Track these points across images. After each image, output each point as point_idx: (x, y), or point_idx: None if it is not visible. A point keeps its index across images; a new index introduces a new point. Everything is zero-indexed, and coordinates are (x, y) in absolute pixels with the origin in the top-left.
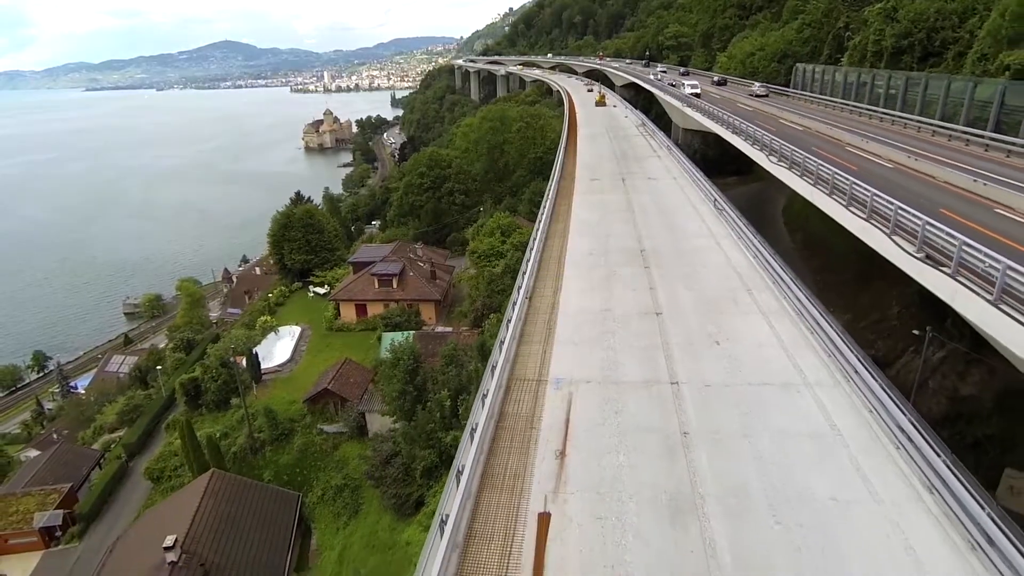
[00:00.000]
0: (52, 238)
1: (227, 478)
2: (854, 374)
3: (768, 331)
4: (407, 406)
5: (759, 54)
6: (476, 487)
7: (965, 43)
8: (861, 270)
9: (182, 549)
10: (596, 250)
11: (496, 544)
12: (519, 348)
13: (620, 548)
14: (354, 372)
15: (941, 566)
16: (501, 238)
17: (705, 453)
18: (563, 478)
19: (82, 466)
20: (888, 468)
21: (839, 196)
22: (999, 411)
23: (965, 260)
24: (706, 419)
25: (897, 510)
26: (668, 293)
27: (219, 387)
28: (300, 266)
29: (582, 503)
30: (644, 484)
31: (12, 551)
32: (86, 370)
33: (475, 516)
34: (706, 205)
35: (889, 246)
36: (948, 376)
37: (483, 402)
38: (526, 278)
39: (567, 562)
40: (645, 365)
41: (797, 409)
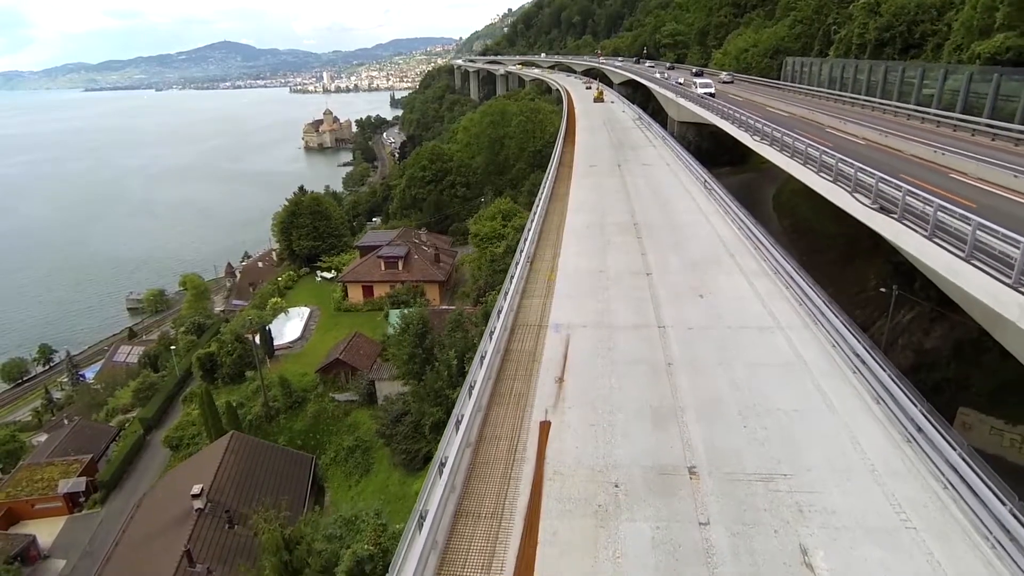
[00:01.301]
0: (54, 236)
1: (245, 439)
2: (820, 316)
3: (747, 286)
4: (416, 368)
5: (752, 50)
6: (486, 402)
7: (943, 35)
8: (843, 251)
9: (207, 498)
10: (592, 224)
11: (503, 444)
12: (521, 301)
13: (609, 445)
14: (364, 344)
15: (880, 453)
16: (502, 222)
17: (686, 377)
18: (561, 396)
19: (100, 441)
20: (844, 387)
21: (812, 165)
22: (956, 359)
23: (909, 206)
24: (688, 353)
25: (848, 416)
26: (658, 257)
27: (234, 361)
28: (308, 252)
29: (578, 414)
30: (632, 400)
31: (39, 515)
32: (92, 362)
33: (485, 423)
34: (697, 187)
35: (850, 201)
36: (915, 333)
37: (491, 336)
38: (527, 244)
39: (564, 455)
40: (635, 313)
41: (769, 346)
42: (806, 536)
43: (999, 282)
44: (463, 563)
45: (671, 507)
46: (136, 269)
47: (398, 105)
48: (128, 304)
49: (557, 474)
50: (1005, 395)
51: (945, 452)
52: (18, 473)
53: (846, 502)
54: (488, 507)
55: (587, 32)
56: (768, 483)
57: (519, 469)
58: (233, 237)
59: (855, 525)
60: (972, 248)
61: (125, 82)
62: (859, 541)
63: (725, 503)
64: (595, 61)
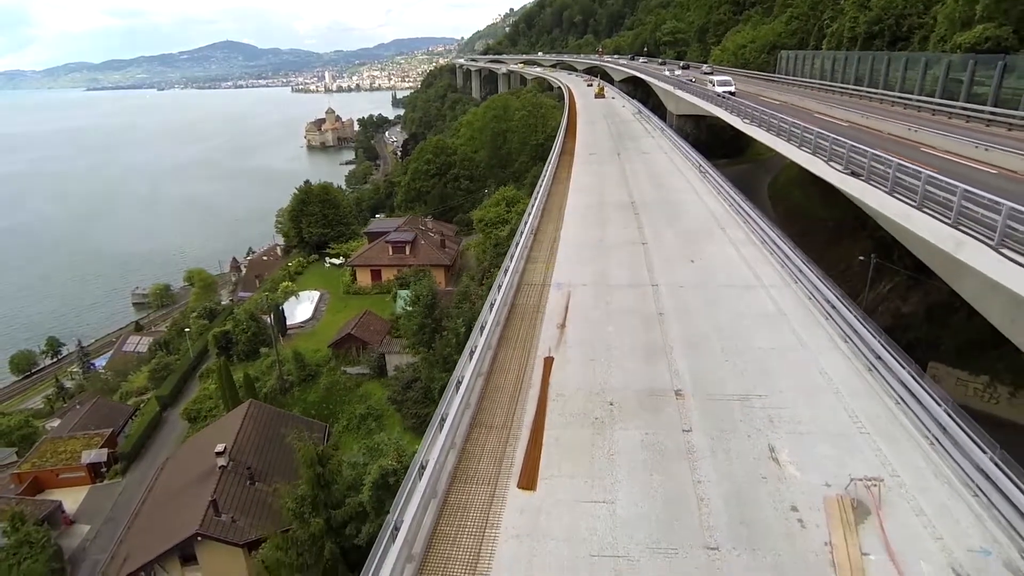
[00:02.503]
0: (59, 233)
1: (263, 407)
2: (800, 275)
3: (735, 253)
4: (426, 338)
5: (750, 46)
6: (495, 342)
7: (929, 28)
8: (832, 234)
9: (229, 457)
10: (592, 203)
11: (511, 374)
12: (526, 265)
13: (606, 375)
14: (374, 321)
15: (844, 379)
16: (506, 207)
17: (676, 324)
18: (563, 339)
19: (118, 418)
20: (817, 330)
21: (794, 141)
22: (927, 321)
23: (873, 168)
24: (679, 305)
25: (818, 352)
26: (653, 230)
27: (249, 338)
28: (317, 239)
29: (578, 352)
30: (626, 341)
31: (63, 485)
32: (100, 353)
33: (495, 360)
34: (693, 171)
35: (826, 169)
36: (893, 300)
37: (498, 289)
38: (531, 218)
39: (566, 382)
40: (631, 274)
41: (752, 299)
42: (774, 439)
43: (939, 221)
44: (478, 459)
45: (659, 419)
46: (140, 266)
47: (400, 104)
48: (134, 299)
49: (559, 396)
50: (969, 350)
51: (899, 374)
52: (42, 446)
53: (811, 414)
54: (499, 420)
55: (588, 31)
56: (744, 401)
57: (526, 393)
58: (236, 234)
59: (817, 431)
60: (922, 198)
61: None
62: (819, 442)
63: (706, 416)
64: (596, 60)
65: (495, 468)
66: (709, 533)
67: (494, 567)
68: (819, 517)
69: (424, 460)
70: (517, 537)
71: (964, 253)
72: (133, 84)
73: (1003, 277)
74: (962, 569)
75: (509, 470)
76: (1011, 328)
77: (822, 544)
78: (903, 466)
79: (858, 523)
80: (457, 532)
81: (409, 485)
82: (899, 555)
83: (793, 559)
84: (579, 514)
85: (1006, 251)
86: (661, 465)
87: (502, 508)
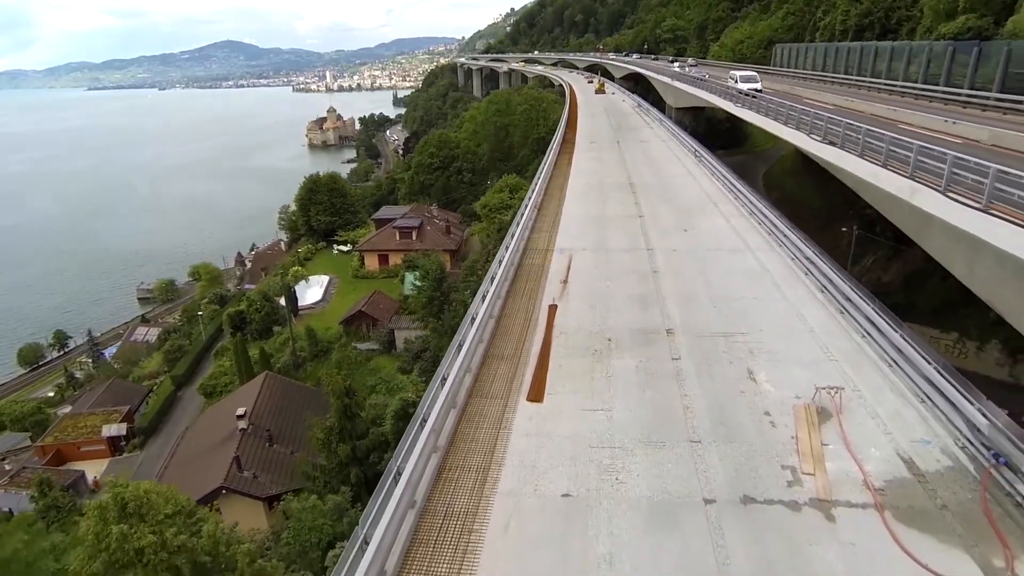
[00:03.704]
0: (63, 231)
1: (278, 378)
2: (784, 239)
3: (725, 224)
4: (435, 309)
5: (747, 41)
6: (504, 292)
7: (917, 20)
8: (823, 219)
9: (249, 420)
10: (593, 185)
11: (519, 317)
12: (531, 235)
13: (605, 318)
14: (383, 300)
15: (819, 321)
16: (509, 194)
17: (668, 279)
18: (566, 292)
19: (134, 397)
20: (797, 284)
21: (780, 119)
22: (905, 287)
23: (847, 136)
24: (672, 265)
25: (797, 302)
26: (650, 206)
27: (262, 317)
28: (325, 227)
29: (579, 301)
30: (623, 293)
31: (84, 457)
32: (108, 345)
33: (504, 308)
34: (689, 157)
35: (807, 140)
36: (875, 271)
37: (506, 249)
38: (534, 194)
39: (569, 324)
40: (628, 240)
41: (740, 260)
42: (753, 365)
43: (900, 175)
44: (491, 381)
45: (651, 351)
46: (145, 262)
47: (401, 104)
48: (139, 294)
49: (563, 334)
50: (943, 311)
51: (867, 312)
52: (62, 422)
53: (787, 347)
54: (509, 351)
55: (589, 31)
56: (728, 338)
57: (532, 332)
58: (239, 232)
59: (791, 359)
60: (886, 157)
61: (128, 81)
62: (792, 367)
63: (693, 348)
64: (597, 57)
65: (507, 386)
66: (692, 431)
67: (508, 454)
68: (788, 420)
69: (445, 373)
70: (527, 435)
71: (918, 198)
72: (134, 84)
73: (947, 215)
74: (905, 454)
75: (519, 388)
76: (971, 278)
77: (789, 438)
78: (863, 383)
79: (821, 423)
80: (475, 431)
81: (432, 392)
82: (853, 445)
83: (763, 448)
84: (581, 419)
85: (952, 194)
86: (652, 384)
87: (513, 415)
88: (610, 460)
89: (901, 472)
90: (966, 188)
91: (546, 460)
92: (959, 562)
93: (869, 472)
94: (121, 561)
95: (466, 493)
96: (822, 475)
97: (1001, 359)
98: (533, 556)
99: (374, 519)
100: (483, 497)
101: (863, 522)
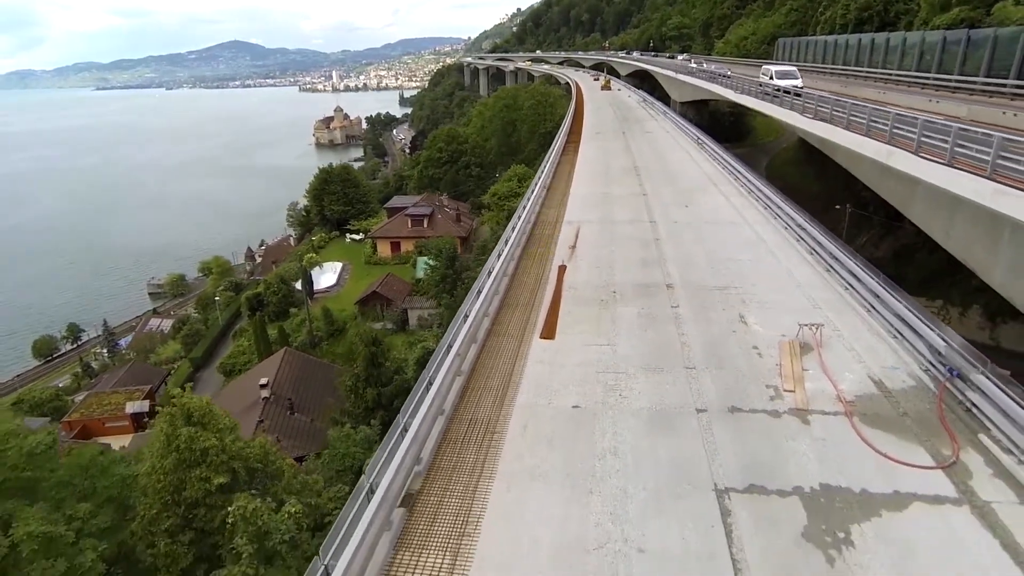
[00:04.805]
0: (74, 227)
1: (297, 354)
2: (780, 211)
3: (725, 201)
4: (448, 286)
5: (751, 38)
6: (518, 255)
7: (914, 13)
8: (823, 205)
9: (271, 390)
10: (599, 170)
11: (532, 276)
12: (541, 210)
13: (610, 276)
14: (396, 283)
15: (807, 277)
16: (518, 183)
17: (669, 245)
18: (574, 256)
19: (154, 378)
20: (789, 249)
21: (776, 103)
22: (895, 259)
23: (835, 113)
24: (672, 234)
25: (788, 262)
26: (653, 187)
27: (279, 299)
28: (338, 216)
29: (586, 262)
30: (627, 256)
31: (109, 433)
32: (121, 337)
33: (517, 268)
34: (692, 145)
35: (799, 118)
36: (868, 249)
37: (518, 218)
38: (543, 176)
39: (577, 280)
40: (632, 214)
41: (736, 231)
42: (744, 311)
43: (879, 142)
44: (507, 323)
45: (653, 300)
46: (155, 258)
47: (407, 104)
48: (149, 289)
49: (571, 288)
50: (929, 281)
51: (851, 267)
52: (87, 399)
53: (776, 297)
54: (523, 301)
55: (596, 30)
56: (723, 291)
57: (544, 287)
58: (247, 229)
59: (780, 307)
60: (868, 128)
61: (136, 81)
62: (780, 313)
63: (691, 298)
64: (602, 55)
65: (521, 328)
66: (688, 360)
67: (524, 377)
68: (774, 352)
69: (466, 311)
70: (541, 363)
71: (892, 159)
72: (142, 83)
73: (917, 171)
74: (876, 377)
75: (533, 328)
76: (948, 241)
77: (774, 365)
78: (844, 324)
79: (803, 355)
80: (494, 361)
81: (456, 326)
82: (831, 370)
83: (750, 373)
84: (588, 352)
85: (923, 154)
86: (653, 326)
87: (528, 348)
88: (615, 381)
89: (870, 390)
90: (934, 151)
91: (558, 381)
92: (913, 452)
93: (843, 390)
94: (188, 460)
95: (488, 406)
96: (801, 392)
97: (982, 323)
98: (548, 449)
99: (412, 412)
100: (503, 408)
101: (834, 425)
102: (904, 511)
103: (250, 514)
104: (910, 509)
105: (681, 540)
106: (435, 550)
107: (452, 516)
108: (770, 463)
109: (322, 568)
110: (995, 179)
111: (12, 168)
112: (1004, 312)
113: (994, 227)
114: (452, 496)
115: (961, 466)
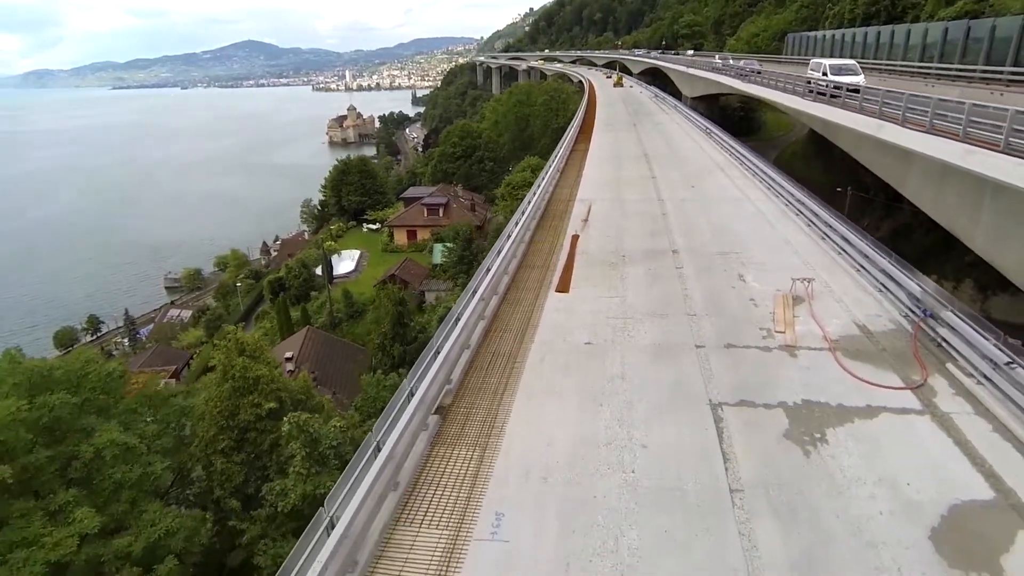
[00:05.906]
0: (92, 223)
1: (320, 332)
2: (781, 189)
3: (729, 182)
4: (465, 267)
5: (762, 34)
6: (533, 227)
7: (921, 7)
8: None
9: (296, 364)
10: (610, 156)
11: (547, 243)
12: (554, 190)
13: (619, 243)
14: (414, 267)
15: (803, 245)
16: (532, 174)
17: (675, 219)
18: (586, 227)
19: (177, 361)
20: (787, 222)
21: (779, 87)
22: (893, 238)
23: (832, 96)
24: (678, 210)
25: (785, 232)
26: (661, 171)
27: (300, 283)
28: (356, 206)
29: (598, 232)
30: (636, 228)
31: None
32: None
33: (534, 236)
34: (701, 135)
35: (798, 100)
36: (869, 230)
37: (534, 194)
38: (556, 160)
39: (589, 247)
40: (641, 194)
41: (739, 207)
42: (743, 271)
43: (870, 117)
44: (525, 280)
45: (658, 263)
46: (171, 253)
47: (420, 103)
48: (166, 283)
49: (584, 253)
50: (925, 258)
51: (842, 233)
52: None
53: (773, 260)
54: (539, 262)
55: (608, 29)
56: (724, 255)
57: (558, 253)
58: (262, 225)
59: (776, 268)
60: (859, 107)
61: (152, 80)
62: (777, 273)
63: (694, 261)
64: (615, 54)
65: (538, 284)
66: (690, 309)
67: (542, 322)
68: (769, 303)
69: (488, 266)
70: (556, 311)
71: (882, 132)
72: (157, 83)
73: (903, 140)
74: (860, 322)
75: (549, 284)
76: (937, 212)
77: (767, 312)
78: (834, 281)
79: (795, 305)
80: (514, 309)
81: (478, 277)
82: (819, 316)
83: (746, 319)
84: (600, 302)
85: (909, 125)
86: (658, 283)
87: (545, 299)
88: (623, 324)
89: (854, 332)
90: (919, 124)
91: (572, 325)
92: (887, 377)
93: (829, 332)
94: (242, 388)
95: (509, 342)
96: (791, 333)
97: (973, 295)
98: (563, 375)
99: (443, 338)
100: (523, 344)
101: (818, 358)
102: (874, 419)
103: (303, 422)
104: (879, 418)
105: (678, 439)
106: (466, 446)
107: (480, 422)
108: (759, 385)
109: (374, 444)
110: (967, 141)
111: (35, 166)
112: (994, 285)
113: (976, 194)
114: (479, 408)
115: (928, 388)
